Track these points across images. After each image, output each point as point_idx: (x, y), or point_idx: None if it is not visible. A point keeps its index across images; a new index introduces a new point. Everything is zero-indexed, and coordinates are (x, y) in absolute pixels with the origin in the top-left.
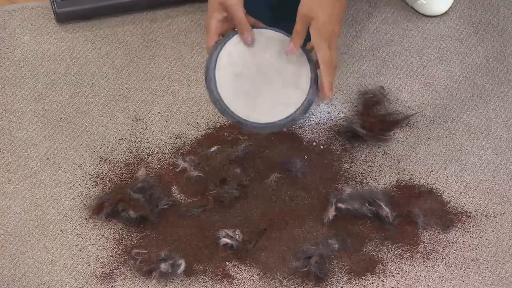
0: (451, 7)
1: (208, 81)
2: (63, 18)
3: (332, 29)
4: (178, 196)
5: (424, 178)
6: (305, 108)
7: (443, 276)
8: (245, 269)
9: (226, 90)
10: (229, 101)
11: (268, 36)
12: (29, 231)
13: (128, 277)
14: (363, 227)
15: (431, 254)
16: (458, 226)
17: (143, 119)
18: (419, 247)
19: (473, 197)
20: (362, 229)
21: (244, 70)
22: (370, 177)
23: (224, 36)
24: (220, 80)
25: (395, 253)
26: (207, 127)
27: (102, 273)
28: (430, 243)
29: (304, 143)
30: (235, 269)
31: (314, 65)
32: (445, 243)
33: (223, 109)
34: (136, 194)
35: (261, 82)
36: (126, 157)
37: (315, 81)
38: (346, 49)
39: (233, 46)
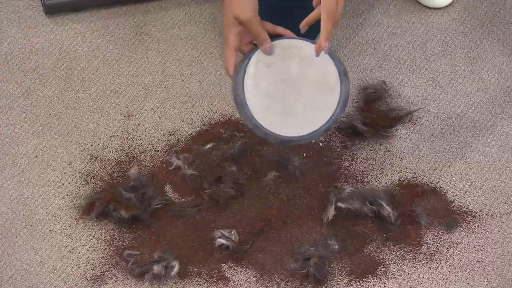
0: None
1: (241, 109)
2: (52, 10)
3: None
4: (171, 195)
5: (427, 176)
6: (343, 105)
7: (447, 278)
8: (241, 271)
9: (261, 113)
10: (267, 124)
11: (283, 46)
12: (17, 232)
13: (119, 280)
14: (364, 227)
15: (435, 255)
16: (463, 226)
17: (135, 115)
18: (422, 248)
19: (478, 196)
20: (363, 230)
21: (272, 88)
22: (371, 175)
23: (242, 59)
24: (252, 105)
25: (397, 254)
26: (202, 123)
27: (92, 275)
28: (434, 243)
29: None
30: (231, 271)
31: (339, 59)
32: (449, 243)
33: (264, 134)
34: (128, 193)
35: (291, 94)
36: (118, 155)
37: (345, 74)
38: (347, 42)
39: (254, 67)
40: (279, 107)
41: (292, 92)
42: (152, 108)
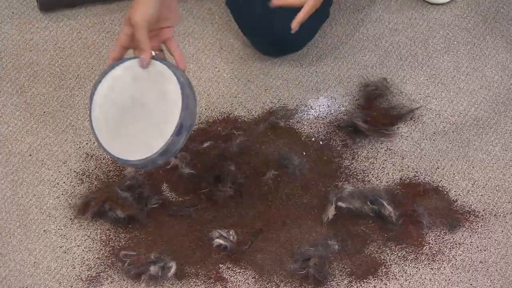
0: None
1: (90, 100)
2: (46, 6)
3: None
4: (168, 194)
5: (429, 175)
6: (166, 151)
7: (449, 279)
8: (239, 272)
9: (99, 114)
10: (98, 126)
11: (157, 69)
12: (11, 232)
13: (115, 281)
14: (365, 227)
15: (437, 255)
16: (466, 226)
17: None
18: (424, 248)
19: (482, 195)
20: (363, 230)
21: (121, 99)
22: (372, 174)
23: (123, 59)
24: (96, 102)
25: (398, 254)
26: (199, 121)
27: (88, 276)
28: (436, 244)
29: (303, 138)
30: (229, 272)
31: (189, 109)
32: (451, 244)
33: (92, 133)
34: (124, 193)
35: (132, 114)
36: None
37: (182, 128)
38: (347, 39)
39: (122, 71)
40: (117, 118)
41: (134, 112)
42: None
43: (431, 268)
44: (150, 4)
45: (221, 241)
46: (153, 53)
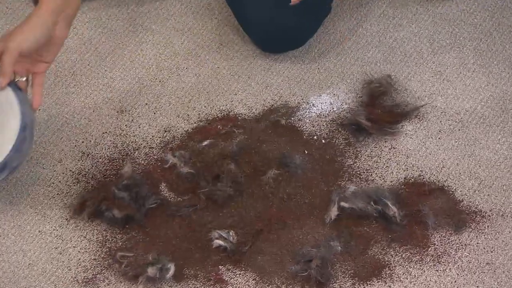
0: None
1: None
2: None
3: None
4: (167, 194)
5: (434, 175)
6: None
7: (455, 281)
8: (240, 274)
9: None
10: None
11: (7, 99)
12: (5, 233)
13: (112, 282)
14: (368, 227)
15: (442, 257)
16: (472, 226)
17: (129, 111)
18: (429, 249)
19: (488, 195)
20: (367, 230)
21: None
22: (376, 173)
23: None
24: None
25: (403, 256)
26: (198, 119)
27: (84, 278)
28: (441, 245)
29: (304, 136)
30: (229, 274)
31: (20, 152)
32: (457, 245)
33: None
34: (121, 192)
35: None
36: (111, 152)
37: (5, 167)
38: (350, 35)
39: None
40: None
41: None
42: (146, 103)
43: (436, 270)
44: (35, 33)
45: (220, 242)
46: (21, 78)
